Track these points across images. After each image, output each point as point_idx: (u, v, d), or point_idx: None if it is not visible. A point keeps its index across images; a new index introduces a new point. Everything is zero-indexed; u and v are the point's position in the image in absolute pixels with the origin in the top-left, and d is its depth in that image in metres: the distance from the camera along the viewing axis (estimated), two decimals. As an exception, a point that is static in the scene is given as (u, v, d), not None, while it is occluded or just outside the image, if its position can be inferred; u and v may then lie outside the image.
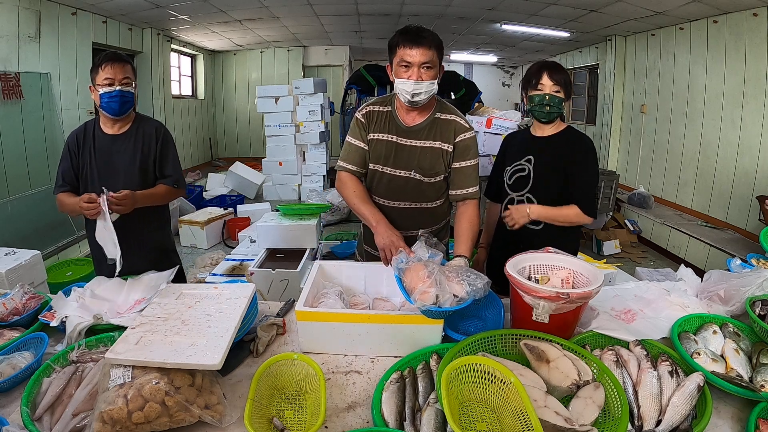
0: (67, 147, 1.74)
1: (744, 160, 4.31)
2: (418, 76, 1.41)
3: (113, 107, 1.66)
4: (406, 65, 1.42)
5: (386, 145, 1.57)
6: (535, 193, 1.69)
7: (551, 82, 1.59)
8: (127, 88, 1.65)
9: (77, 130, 1.76)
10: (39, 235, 3.64)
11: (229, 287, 1.30)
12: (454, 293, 1.12)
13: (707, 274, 1.48)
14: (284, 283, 2.73)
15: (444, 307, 1.09)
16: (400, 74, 1.44)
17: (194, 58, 8.55)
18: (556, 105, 1.61)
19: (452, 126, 1.56)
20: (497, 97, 10.75)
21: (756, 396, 0.98)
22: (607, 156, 6.66)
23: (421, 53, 1.40)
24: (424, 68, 1.42)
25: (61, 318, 1.26)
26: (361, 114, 1.60)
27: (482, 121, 4.49)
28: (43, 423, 0.93)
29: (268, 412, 0.97)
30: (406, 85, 1.42)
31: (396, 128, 1.57)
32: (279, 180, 6.71)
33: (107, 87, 1.62)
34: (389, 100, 1.61)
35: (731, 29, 4.36)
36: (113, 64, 1.62)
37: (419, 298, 1.10)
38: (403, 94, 1.45)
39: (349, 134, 1.63)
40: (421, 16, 6.07)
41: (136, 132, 1.75)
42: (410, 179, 1.58)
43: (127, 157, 1.73)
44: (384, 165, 1.59)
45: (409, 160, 1.56)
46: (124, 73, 1.64)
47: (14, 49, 3.92)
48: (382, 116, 1.58)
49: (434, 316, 1.13)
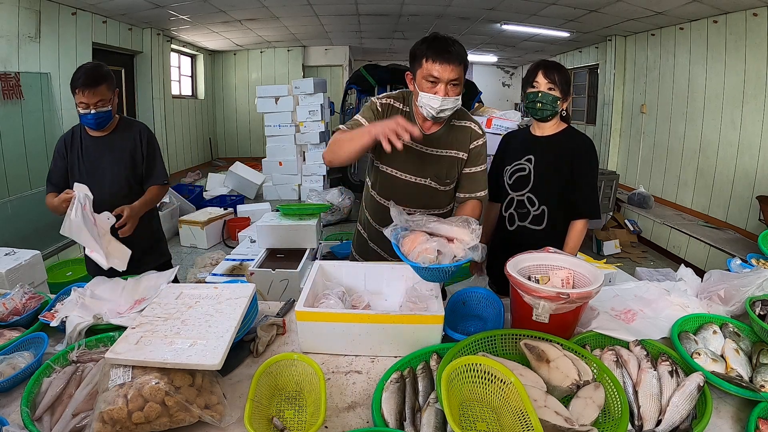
0: (56, 151, 1.83)
1: (744, 160, 4.31)
2: (444, 92, 1.37)
3: (91, 126, 1.75)
4: (433, 81, 1.36)
5: (406, 148, 1.44)
6: (536, 192, 1.69)
7: (546, 79, 1.60)
8: (102, 109, 1.71)
9: (65, 135, 1.84)
10: (39, 235, 3.64)
11: (229, 287, 1.30)
12: (453, 254, 1.13)
13: (707, 274, 1.48)
14: (284, 283, 2.73)
15: (444, 264, 1.10)
16: (424, 88, 1.38)
17: (194, 58, 8.55)
18: (548, 103, 1.61)
19: (468, 133, 1.54)
20: (497, 97, 10.75)
21: (756, 396, 0.98)
22: (607, 156, 6.66)
23: (451, 70, 1.35)
24: (451, 85, 1.37)
25: (61, 318, 1.26)
26: (380, 102, 1.51)
27: (482, 121, 4.49)
28: (43, 423, 0.93)
29: (268, 412, 0.97)
30: (432, 101, 1.37)
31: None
32: (279, 180, 6.71)
33: (83, 109, 1.69)
34: (408, 98, 1.54)
35: (731, 29, 4.36)
36: (85, 90, 1.66)
37: (420, 254, 1.08)
38: (428, 110, 1.40)
39: (361, 114, 1.51)
40: (421, 16, 6.07)
41: (121, 133, 1.82)
42: (426, 186, 1.55)
43: (113, 157, 1.80)
44: (399, 170, 1.54)
45: (426, 168, 1.53)
46: (98, 96, 1.68)
47: (14, 49, 3.92)
48: (402, 115, 1.49)
49: (434, 277, 1.14)
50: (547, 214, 1.69)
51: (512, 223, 1.76)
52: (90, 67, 1.70)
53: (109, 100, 1.73)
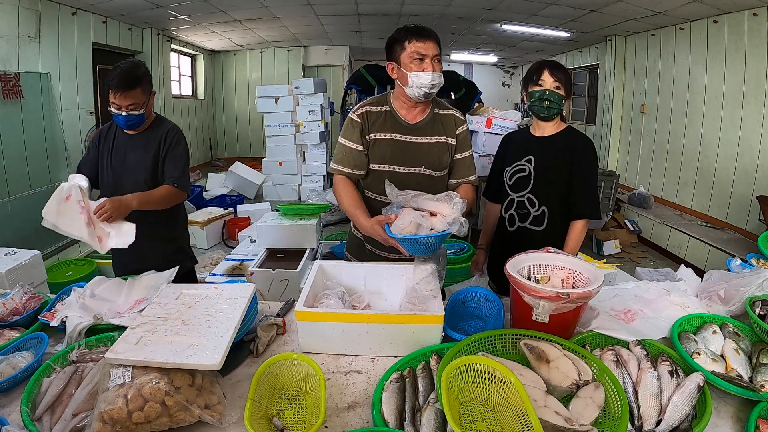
0: (91, 142, 1.84)
1: (744, 160, 4.30)
2: (433, 67, 1.45)
3: (122, 126, 1.73)
4: (420, 58, 1.44)
5: (390, 143, 1.57)
6: (536, 193, 1.68)
7: (552, 78, 1.59)
8: (133, 112, 1.67)
9: (104, 127, 1.83)
10: (39, 235, 3.62)
11: (229, 287, 1.30)
12: (432, 227, 1.25)
13: (707, 274, 1.48)
14: (284, 283, 2.73)
15: (419, 235, 1.23)
16: (412, 68, 1.45)
17: (194, 58, 8.54)
18: (556, 101, 1.61)
19: (453, 120, 1.61)
20: (497, 97, 10.74)
21: (756, 396, 0.98)
22: (607, 156, 6.65)
23: (434, 47, 1.46)
24: (435, 60, 1.46)
25: (61, 318, 1.26)
26: (357, 114, 1.57)
27: (482, 121, 4.48)
28: (43, 423, 0.93)
29: (268, 412, 0.97)
30: (424, 77, 1.44)
31: (399, 126, 1.57)
32: (279, 180, 6.71)
33: (115, 110, 1.66)
34: (384, 100, 1.60)
35: (731, 29, 4.35)
36: (118, 93, 1.62)
37: (402, 227, 1.22)
38: (420, 87, 1.46)
39: (343, 135, 1.60)
40: (421, 16, 6.06)
41: (150, 134, 1.79)
42: (420, 175, 1.59)
43: (138, 156, 1.77)
44: (391, 164, 1.58)
45: (418, 157, 1.58)
46: (130, 99, 1.65)
47: (14, 49, 3.92)
48: (381, 116, 1.58)
49: (415, 249, 1.28)
50: (547, 215, 1.69)
51: (512, 224, 1.76)
52: (126, 68, 1.64)
53: (143, 103, 1.68)
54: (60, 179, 4.11)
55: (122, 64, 1.67)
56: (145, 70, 1.72)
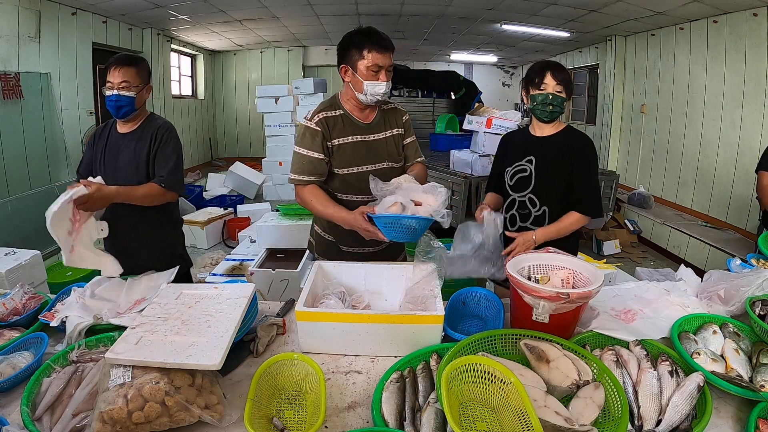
0: (87, 142, 1.84)
1: (744, 160, 4.30)
2: (387, 77, 1.54)
3: (112, 110, 1.71)
4: (376, 70, 1.52)
5: (354, 146, 1.61)
6: (537, 193, 1.68)
7: (554, 81, 1.58)
8: (124, 92, 1.65)
9: (99, 127, 1.84)
10: (39, 235, 3.61)
11: (229, 287, 1.30)
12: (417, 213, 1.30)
13: (707, 274, 1.48)
14: (284, 283, 2.73)
15: (402, 215, 1.29)
16: (369, 77, 1.52)
17: (194, 58, 8.55)
18: (558, 104, 1.61)
19: (397, 112, 1.74)
20: (497, 97, 10.73)
21: (756, 396, 0.98)
22: (607, 156, 6.65)
23: (389, 57, 1.53)
24: (389, 71, 1.55)
25: (61, 318, 1.26)
26: (315, 122, 1.57)
27: (482, 121, 4.48)
28: (43, 423, 0.93)
29: (268, 412, 0.97)
30: (378, 87, 1.53)
31: (356, 128, 1.62)
32: (279, 180, 6.70)
33: (108, 90, 1.66)
34: (335, 103, 1.63)
35: (731, 29, 4.36)
36: (113, 68, 1.65)
37: (386, 209, 1.28)
38: (374, 96, 1.55)
39: (300, 144, 1.59)
40: (421, 16, 6.07)
41: (141, 131, 1.77)
42: (385, 170, 1.65)
43: (129, 154, 1.75)
44: (357, 165, 1.61)
45: (379, 154, 1.66)
46: (123, 76, 1.64)
47: (14, 49, 3.92)
48: (339, 120, 1.60)
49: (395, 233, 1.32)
50: (548, 215, 1.68)
51: (513, 224, 1.76)
52: (128, 52, 1.70)
53: (135, 86, 1.68)
54: (60, 179, 4.12)
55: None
56: (146, 62, 1.76)
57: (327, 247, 1.77)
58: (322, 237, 1.79)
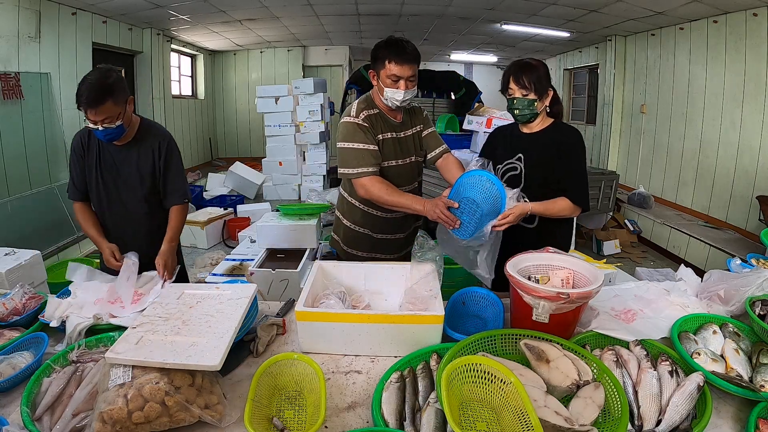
0: (73, 151, 1.70)
1: (744, 160, 4.30)
2: (405, 87, 1.64)
3: (102, 140, 1.63)
4: (395, 80, 1.63)
5: (391, 142, 1.75)
6: (528, 191, 1.68)
7: (517, 86, 1.62)
8: (110, 126, 1.53)
9: (81, 133, 1.70)
10: (39, 235, 3.64)
11: (230, 287, 1.30)
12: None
13: (707, 274, 1.48)
14: (284, 283, 2.73)
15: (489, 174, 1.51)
16: (389, 84, 1.64)
17: (194, 58, 8.54)
18: (525, 107, 1.63)
19: (417, 109, 1.88)
20: (497, 97, 10.61)
21: (756, 396, 0.98)
22: (607, 156, 6.65)
23: (409, 69, 1.62)
24: (410, 80, 1.65)
25: (61, 318, 1.26)
26: (362, 119, 1.69)
27: (482, 121, 4.49)
28: (43, 423, 0.93)
29: (268, 412, 0.97)
30: (397, 94, 1.65)
31: (391, 125, 1.76)
32: (279, 180, 6.71)
33: (92, 125, 1.54)
34: (371, 103, 1.75)
35: (731, 29, 4.36)
36: (88, 109, 1.49)
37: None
38: (393, 101, 1.67)
39: (353, 140, 1.67)
40: (421, 16, 6.06)
41: (139, 143, 1.70)
42: (413, 164, 1.83)
43: (133, 171, 1.70)
44: (393, 160, 1.75)
45: (409, 149, 1.81)
46: (103, 114, 1.50)
47: (14, 49, 3.92)
48: (378, 118, 1.73)
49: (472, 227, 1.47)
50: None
51: None
52: (93, 80, 1.48)
53: (118, 115, 1.54)
54: (60, 179, 4.12)
55: (89, 76, 1.51)
56: (116, 77, 1.54)
57: (357, 239, 1.88)
58: (353, 230, 1.87)
